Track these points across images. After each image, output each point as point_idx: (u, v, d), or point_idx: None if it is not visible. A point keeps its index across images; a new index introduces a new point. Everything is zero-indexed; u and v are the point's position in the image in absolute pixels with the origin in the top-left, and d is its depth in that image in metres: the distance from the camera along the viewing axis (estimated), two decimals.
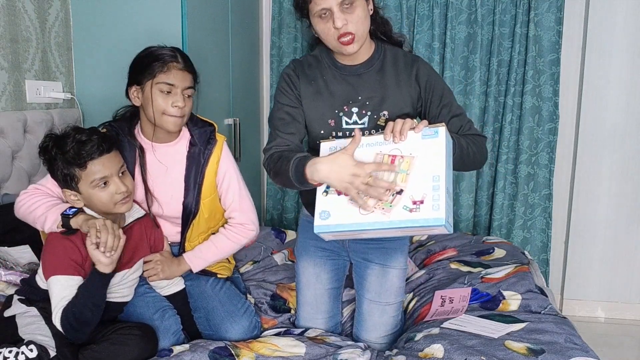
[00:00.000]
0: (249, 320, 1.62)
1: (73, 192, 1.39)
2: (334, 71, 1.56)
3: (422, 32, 2.83)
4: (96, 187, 1.37)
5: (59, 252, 1.34)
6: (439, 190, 1.26)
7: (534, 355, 1.30)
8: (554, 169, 2.85)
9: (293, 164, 1.38)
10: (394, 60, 1.55)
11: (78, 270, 1.33)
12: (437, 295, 1.73)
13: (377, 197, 1.28)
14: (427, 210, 1.25)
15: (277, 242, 2.33)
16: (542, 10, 2.71)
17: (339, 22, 1.39)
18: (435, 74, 1.57)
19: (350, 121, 1.54)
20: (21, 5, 1.91)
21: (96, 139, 1.37)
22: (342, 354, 1.42)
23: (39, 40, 2.00)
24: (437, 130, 1.31)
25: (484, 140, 1.54)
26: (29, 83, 1.96)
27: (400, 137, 1.31)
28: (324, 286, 1.72)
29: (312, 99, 1.55)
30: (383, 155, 1.33)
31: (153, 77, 1.50)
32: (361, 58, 1.54)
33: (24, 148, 1.88)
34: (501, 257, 2.07)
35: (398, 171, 1.31)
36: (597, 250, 2.93)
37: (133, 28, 2.11)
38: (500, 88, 2.84)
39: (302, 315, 1.73)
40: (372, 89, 1.53)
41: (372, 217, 1.30)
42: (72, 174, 1.36)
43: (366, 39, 1.50)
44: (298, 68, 1.58)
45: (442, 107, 1.53)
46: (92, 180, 1.36)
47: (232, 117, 2.64)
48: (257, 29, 3.07)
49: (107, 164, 1.38)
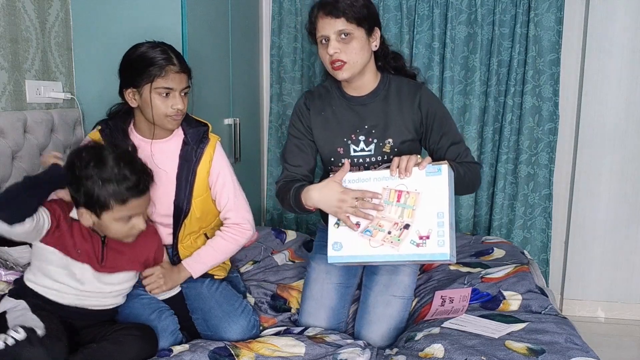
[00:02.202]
0: (247, 320, 1.61)
1: (89, 213, 1.34)
2: (342, 101, 1.71)
3: (422, 32, 2.83)
4: (120, 221, 1.34)
5: None
6: (444, 226, 1.39)
7: (535, 355, 1.30)
8: (554, 169, 2.85)
9: (292, 193, 1.60)
10: (397, 89, 1.69)
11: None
12: (437, 295, 1.73)
13: (364, 217, 1.45)
14: (433, 246, 1.39)
15: (277, 242, 2.33)
16: (542, 10, 2.71)
17: (331, 50, 1.55)
18: (437, 102, 1.70)
19: (358, 149, 1.69)
20: (21, 5, 1.91)
21: (140, 176, 1.33)
22: (342, 353, 1.42)
23: (39, 40, 2.00)
24: (440, 168, 1.42)
25: (479, 168, 1.69)
26: (29, 83, 1.95)
27: (406, 173, 1.43)
28: (332, 281, 1.74)
29: (322, 128, 1.72)
30: (390, 190, 1.45)
31: (151, 82, 1.50)
32: (367, 89, 1.68)
33: (24, 148, 1.88)
34: (500, 257, 2.07)
35: (405, 206, 1.43)
36: (597, 250, 2.93)
37: (133, 28, 2.10)
38: (500, 88, 2.84)
39: (305, 309, 1.73)
40: (377, 117, 1.67)
41: (382, 250, 1.44)
42: (105, 203, 1.30)
43: (363, 69, 1.62)
44: (309, 99, 1.75)
45: (443, 134, 1.66)
46: (121, 217, 1.33)
47: (232, 117, 2.64)
48: (257, 29, 3.07)
49: (142, 204, 1.37)
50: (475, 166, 1.67)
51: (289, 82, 3.03)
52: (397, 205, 1.44)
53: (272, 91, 3.07)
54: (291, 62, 3.01)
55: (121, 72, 1.57)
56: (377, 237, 1.44)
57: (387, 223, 1.45)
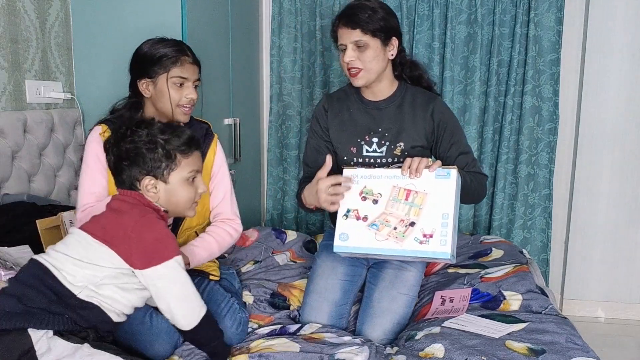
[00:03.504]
0: (231, 320, 1.58)
1: (156, 181, 1.31)
2: (359, 104, 1.81)
3: (422, 32, 2.83)
4: (186, 182, 1.34)
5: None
6: (447, 227, 1.45)
7: (535, 355, 1.30)
8: (554, 169, 2.85)
9: (298, 193, 1.77)
10: (412, 98, 1.78)
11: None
12: (437, 295, 1.73)
13: (336, 201, 1.56)
14: (435, 244, 1.45)
15: (278, 242, 2.33)
16: (542, 10, 2.71)
17: (347, 58, 1.66)
18: (449, 113, 1.79)
19: (370, 149, 1.77)
20: (21, 5, 1.91)
21: (189, 132, 1.37)
22: (339, 353, 1.41)
23: (39, 40, 2.00)
24: (449, 172, 1.50)
25: (485, 179, 1.77)
26: (29, 83, 1.95)
27: (416, 174, 1.50)
28: (337, 277, 1.76)
29: (338, 129, 1.82)
30: (399, 188, 1.52)
31: (167, 71, 1.56)
32: (384, 94, 1.78)
33: (24, 148, 1.88)
34: (499, 257, 2.07)
35: (412, 205, 1.50)
36: (597, 250, 2.93)
37: (133, 28, 2.11)
38: (500, 88, 2.84)
39: (308, 303, 1.74)
40: (391, 122, 1.76)
41: (387, 244, 1.50)
42: (173, 158, 1.31)
43: (379, 76, 1.72)
44: (328, 102, 1.86)
45: (452, 144, 1.74)
46: (187, 175, 1.34)
47: (232, 117, 2.64)
48: (257, 29, 3.07)
49: (200, 159, 1.40)
50: (483, 177, 1.75)
51: (289, 82, 3.03)
52: (405, 203, 1.51)
53: (272, 91, 3.07)
54: (291, 62, 3.01)
55: (134, 64, 1.62)
56: (383, 232, 1.51)
57: (394, 219, 1.51)
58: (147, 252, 1.22)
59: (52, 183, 2.03)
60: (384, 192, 1.54)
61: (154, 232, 1.24)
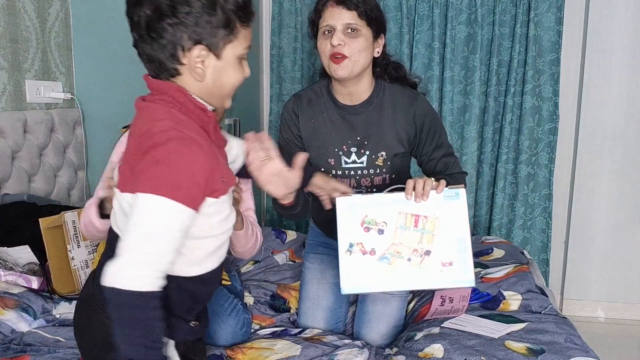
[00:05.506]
0: (235, 320, 1.59)
1: (208, 53, 0.98)
2: (333, 109, 1.62)
3: (422, 32, 2.83)
4: (237, 61, 1.04)
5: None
6: (465, 252, 1.34)
7: (534, 355, 1.30)
8: (554, 169, 2.85)
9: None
10: (392, 98, 1.61)
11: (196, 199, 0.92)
12: (437, 295, 1.73)
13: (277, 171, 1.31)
14: (456, 273, 1.33)
15: (278, 242, 2.33)
16: (542, 10, 2.71)
17: (336, 41, 1.46)
18: (432, 113, 1.63)
19: (349, 160, 1.61)
20: (21, 5, 1.91)
21: None
22: (340, 354, 1.42)
23: (39, 40, 2.00)
24: (457, 192, 1.35)
25: (465, 177, 1.66)
26: (29, 83, 1.95)
27: (423, 197, 1.33)
28: (327, 281, 1.73)
29: (312, 137, 1.62)
30: (406, 214, 1.37)
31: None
32: (360, 98, 1.59)
33: (24, 148, 1.88)
34: (500, 257, 2.07)
35: (423, 232, 1.36)
36: (597, 250, 2.93)
37: None
38: (500, 88, 2.84)
39: (302, 311, 1.73)
40: (370, 129, 1.59)
41: (403, 279, 1.34)
42: (230, 23, 0.99)
43: (361, 73, 1.53)
44: (298, 105, 1.64)
45: (436, 147, 1.62)
46: (247, 46, 1.05)
47: (231, 117, 2.64)
48: (257, 29, 3.07)
49: (251, 34, 1.09)
50: (463, 176, 1.66)
51: (289, 82, 3.03)
52: (415, 230, 1.36)
53: (272, 91, 3.07)
54: (291, 62, 3.01)
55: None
56: (396, 265, 1.35)
57: (406, 249, 1.35)
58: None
59: (52, 183, 2.02)
60: (389, 220, 1.35)
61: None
